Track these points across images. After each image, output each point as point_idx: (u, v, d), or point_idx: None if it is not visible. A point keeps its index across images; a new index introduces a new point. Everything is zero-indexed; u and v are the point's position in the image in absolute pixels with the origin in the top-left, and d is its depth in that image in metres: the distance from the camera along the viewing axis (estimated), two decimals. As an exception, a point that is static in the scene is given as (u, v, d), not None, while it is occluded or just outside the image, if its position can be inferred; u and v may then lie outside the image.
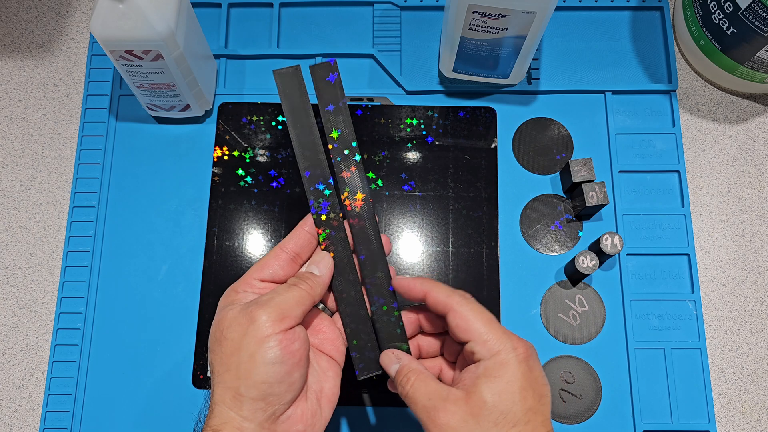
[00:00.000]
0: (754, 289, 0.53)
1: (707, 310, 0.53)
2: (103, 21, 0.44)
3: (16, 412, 0.51)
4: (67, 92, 0.58)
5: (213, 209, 0.54)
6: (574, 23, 0.59)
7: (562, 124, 0.56)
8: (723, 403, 0.51)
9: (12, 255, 0.54)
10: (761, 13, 0.48)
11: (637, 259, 0.53)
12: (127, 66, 0.48)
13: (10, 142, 0.57)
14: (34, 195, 0.56)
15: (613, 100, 0.57)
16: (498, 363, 0.35)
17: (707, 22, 0.54)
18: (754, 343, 0.52)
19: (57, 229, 0.55)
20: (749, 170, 0.56)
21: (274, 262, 0.39)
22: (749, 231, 0.55)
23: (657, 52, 0.58)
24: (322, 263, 0.40)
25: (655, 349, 0.51)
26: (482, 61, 0.52)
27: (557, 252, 0.53)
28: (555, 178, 0.55)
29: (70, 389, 0.50)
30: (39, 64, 0.59)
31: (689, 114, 0.57)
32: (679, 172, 0.55)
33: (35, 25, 0.60)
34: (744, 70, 0.54)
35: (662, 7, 0.59)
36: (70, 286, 0.52)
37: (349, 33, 0.58)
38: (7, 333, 0.53)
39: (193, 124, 0.56)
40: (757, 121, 0.57)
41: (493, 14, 0.46)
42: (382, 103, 0.56)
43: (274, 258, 0.39)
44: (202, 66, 0.53)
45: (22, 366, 0.52)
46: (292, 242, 0.40)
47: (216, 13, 0.59)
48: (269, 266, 0.39)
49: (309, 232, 0.40)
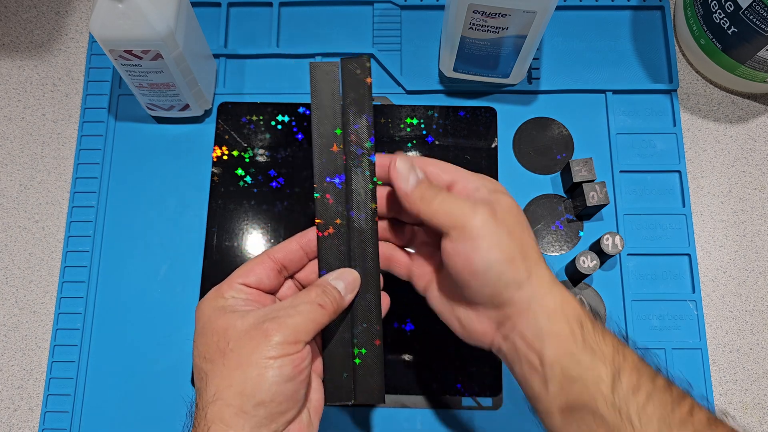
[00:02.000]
0: (755, 289, 0.53)
1: (708, 310, 0.53)
2: (102, 20, 0.44)
3: (15, 412, 0.51)
4: (67, 92, 0.58)
5: (212, 209, 0.54)
6: (574, 23, 0.59)
7: (562, 124, 0.56)
8: (724, 404, 0.51)
9: (11, 255, 0.54)
10: (762, 12, 0.48)
11: (637, 260, 0.53)
12: (126, 66, 0.48)
13: (9, 141, 0.57)
14: (34, 195, 0.56)
15: (614, 100, 0.56)
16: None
17: (708, 22, 0.54)
18: (755, 344, 0.52)
19: (56, 229, 0.55)
20: (750, 170, 0.56)
21: (261, 270, 0.37)
22: (750, 231, 0.54)
23: (658, 52, 0.58)
24: (350, 282, 0.38)
25: (656, 349, 0.51)
26: (482, 60, 0.52)
27: (558, 252, 0.53)
28: (555, 178, 0.55)
29: (69, 389, 0.50)
30: (38, 63, 0.59)
31: (690, 114, 0.57)
32: (680, 172, 0.55)
33: (34, 25, 0.60)
34: (745, 69, 0.54)
35: (663, 7, 0.59)
36: (69, 287, 0.52)
37: (349, 32, 0.58)
38: (6, 333, 0.52)
39: (193, 124, 0.56)
40: (758, 121, 0.57)
41: (493, 14, 0.45)
42: (382, 102, 0.56)
43: (260, 264, 0.38)
44: (202, 65, 0.53)
45: (22, 366, 0.52)
46: (281, 253, 0.38)
47: (215, 13, 0.59)
48: (255, 272, 0.37)
49: (301, 247, 0.39)
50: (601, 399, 0.32)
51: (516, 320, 0.35)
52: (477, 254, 0.34)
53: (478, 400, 0.49)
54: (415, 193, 0.36)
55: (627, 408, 0.32)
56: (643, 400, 0.32)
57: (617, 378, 0.32)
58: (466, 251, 0.34)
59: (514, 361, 0.35)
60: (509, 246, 0.34)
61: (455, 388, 0.49)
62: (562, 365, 0.33)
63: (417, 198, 0.36)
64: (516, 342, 0.35)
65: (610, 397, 0.32)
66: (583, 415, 0.32)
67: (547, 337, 0.34)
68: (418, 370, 0.50)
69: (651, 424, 0.31)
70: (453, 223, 0.35)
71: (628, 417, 0.31)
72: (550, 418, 0.34)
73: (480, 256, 0.34)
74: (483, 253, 0.34)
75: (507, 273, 0.34)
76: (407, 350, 0.50)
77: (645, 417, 0.31)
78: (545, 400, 0.34)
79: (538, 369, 0.34)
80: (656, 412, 0.31)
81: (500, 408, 0.49)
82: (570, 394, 0.33)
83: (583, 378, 0.33)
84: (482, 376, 0.50)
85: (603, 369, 0.33)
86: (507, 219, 0.35)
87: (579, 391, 0.33)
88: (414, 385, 0.49)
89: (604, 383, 0.32)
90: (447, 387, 0.49)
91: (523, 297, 0.34)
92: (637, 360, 0.34)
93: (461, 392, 0.49)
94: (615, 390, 0.32)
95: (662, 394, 0.32)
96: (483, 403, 0.49)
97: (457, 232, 0.34)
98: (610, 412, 0.32)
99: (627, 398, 0.32)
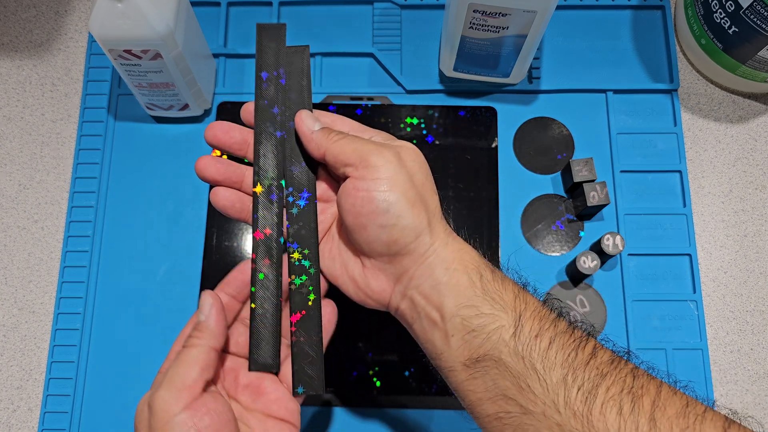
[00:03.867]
0: (755, 289, 0.53)
1: (709, 310, 0.53)
2: (101, 20, 0.44)
3: (15, 413, 0.51)
4: (66, 92, 0.58)
5: (212, 209, 0.53)
6: (575, 22, 0.59)
7: (563, 124, 0.56)
8: (724, 404, 0.51)
9: (10, 255, 0.54)
10: (763, 12, 0.48)
11: (638, 260, 0.53)
12: (125, 65, 0.47)
13: (8, 141, 0.57)
14: (33, 195, 0.55)
15: (615, 100, 0.56)
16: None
17: (708, 21, 0.54)
18: (756, 344, 0.52)
19: (55, 229, 0.54)
20: (751, 170, 0.56)
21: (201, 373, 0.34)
22: (751, 231, 0.54)
23: (658, 52, 0.58)
24: (204, 305, 0.35)
25: (657, 349, 0.50)
26: (483, 60, 0.52)
27: (558, 252, 0.53)
28: (556, 178, 0.55)
29: (68, 390, 0.50)
30: (37, 63, 0.59)
31: (691, 113, 0.57)
32: (681, 172, 0.54)
33: (34, 24, 0.60)
34: (745, 69, 0.54)
35: (663, 6, 0.59)
36: (68, 287, 0.52)
37: (349, 32, 0.58)
38: (5, 333, 0.52)
39: (192, 124, 0.56)
40: (758, 121, 0.57)
41: (493, 13, 0.45)
42: (382, 102, 0.56)
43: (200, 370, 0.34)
44: (201, 65, 0.53)
45: (21, 367, 0.52)
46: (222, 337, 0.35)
47: (215, 12, 0.59)
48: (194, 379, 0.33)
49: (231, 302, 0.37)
50: (504, 347, 0.31)
51: (413, 273, 0.34)
52: (378, 192, 0.33)
53: (479, 401, 0.49)
54: (321, 134, 0.36)
55: (530, 354, 0.31)
56: (546, 345, 0.31)
57: (519, 325, 0.32)
58: (367, 188, 0.33)
59: (413, 320, 0.34)
60: (411, 190, 0.34)
61: (455, 388, 0.49)
62: (462, 316, 0.32)
63: (323, 137, 0.36)
64: (414, 297, 0.34)
65: (513, 344, 0.31)
66: (487, 367, 0.32)
67: (446, 289, 0.33)
68: (418, 370, 0.50)
69: (554, 368, 0.30)
70: (357, 158, 0.34)
71: (531, 363, 0.31)
72: (454, 374, 0.33)
73: (381, 194, 0.33)
74: (384, 193, 0.33)
75: (406, 216, 0.33)
76: (407, 350, 0.50)
77: (548, 362, 0.30)
78: (447, 355, 0.33)
79: (438, 323, 0.33)
80: (559, 357, 0.31)
81: (500, 408, 0.49)
82: (472, 345, 0.32)
83: (485, 328, 0.32)
84: (482, 376, 0.49)
85: (504, 317, 0.32)
86: (410, 164, 0.34)
87: (481, 341, 0.32)
88: (414, 385, 0.49)
89: (506, 331, 0.31)
90: (447, 387, 0.49)
91: (421, 247, 0.33)
92: (538, 305, 0.33)
93: (461, 393, 0.49)
94: (517, 337, 0.31)
95: (564, 338, 0.31)
96: (483, 403, 0.49)
97: (360, 169, 0.34)
98: (513, 360, 0.31)
99: (530, 344, 0.31)
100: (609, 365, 0.31)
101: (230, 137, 0.38)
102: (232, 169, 0.38)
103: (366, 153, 0.34)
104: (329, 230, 0.39)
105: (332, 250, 0.38)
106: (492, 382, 0.32)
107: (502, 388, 0.31)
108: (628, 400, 0.29)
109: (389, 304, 0.36)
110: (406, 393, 0.49)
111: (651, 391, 0.30)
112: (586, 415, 0.29)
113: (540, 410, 0.30)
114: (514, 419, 0.31)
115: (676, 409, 0.29)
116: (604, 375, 0.30)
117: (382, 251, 0.34)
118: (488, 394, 0.32)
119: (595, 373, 0.30)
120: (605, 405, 0.29)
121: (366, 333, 0.50)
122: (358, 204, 0.33)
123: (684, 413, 0.29)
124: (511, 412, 0.31)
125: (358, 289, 0.36)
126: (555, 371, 0.30)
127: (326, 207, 0.39)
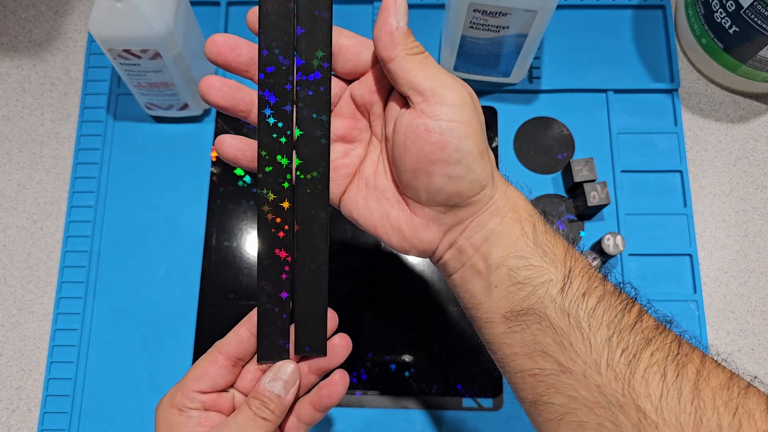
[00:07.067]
0: (756, 289, 0.53)
1: (709, 311, 0.52)
2: (101, 20, 0.44)
3: (14, 413, 0.51)
4: (65, 91, 0.58)
5: (211, 209, 0.53)
6: (575, 22, 0.59)
7: (563, 124, 0.56)
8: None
9: (10, 255, 0.54)
10: (764, 11, 0.48)
11: (638, 260, 0.52)
12: (125, 65, 0.47)
13: (7, 141, 0.57)
14: (32, 195, 0.55)
15: (615, 99, 0.56)
16: None
17: (709, 21, 0.54)
18: (757, 344, 0.52)
19: (55, 229, 0.54)
20: (752, 170, 0.56)
21: (214, 371, 0.34)
22: (752, 231, 0.54)
23: (659, 51, 0.58)
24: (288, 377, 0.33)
25: (657, 350, 0.50)
26: (483, 59, 0.52)
27: (558, 252, 0.53)
28: (556, 178, 0.54)
29: (68, 390, 0.50)
30: (37, 63, 0.59)
31: (691, 113, 0.57)
32: (681, 172, 0.54)
33: (33, 24, 0.60)
34: (746, 69, 0.54)
35: (664, 6, 0.58)
36: (68, 287, 0.52)
37: (349, 32, 0.58)
38: (4, 334, 0.52)
39: (192, 123, 0.56)
40: (759, 121, 0.57)
41: (494, 12, 0.45)
42: (382, 102, 0.56)
43: (212, 364, 0.34)
44: (201, 65, 0.52)
45: (20, 367, 0.52)
46: (232, 346, 0.35)
47: (215, 12, 0.59)
48: (208, 375, 0.34)
49: (252, 334, 0.35)
50: (550, 303, 0.30)
51: (468, 224, 0.31)
52: (453, 139, 0.29)
53: (479, 401, 0.49)
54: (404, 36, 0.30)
55: (576, 312, 0.29)
56: (593, 304, 0.29)
57: (568, 281, 0.30)
58: (441, 131, 0.29)
59: (455, 269, 0.32)
60: (482, 139, 0.30)
61: (455, 388, 0.49)
62: (509, 267, 0.30)
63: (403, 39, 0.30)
64: (463, 246, 0.31)
65: (560, 300, 0.29)
66: (529, 321, 0.30)
67: (497, 238, 0.31)
68: (418, 370, 0.49)
69: (600, 329, 0.29)
70: (429, 87, 0.29)
71: (577, 321, 0.29)
72: (491, 326, 0.31)
73: (456, 142, 0.29)
74: (460, 141, 0.29)
75: (476, 169, 0.30)
76: (407, 351, 0.50)
77: (594, 322, 0.29)
78: (487, 306, 0.31)
79: (482, 273, 0.31)
80: (606, 317, 0.29)
81: (501, 409, 0.49)
82: (516, 298, 0.30)
83: (532, 280, 0.30)
84: (483, 376, 0.49)
85: (553, 271, 0.30)
86: (479, 106, 0.31)
87: (526, 294, 0.30)
88: (414, 385, 0.49)
89: (554, 286, 0.30)
90: (447, 388, 0.49)
91: (483, 199, 0.31)
92: (586, 263, 0.31)
93: (462, 393, 0.49)
94: (564, 293, 0.30)
95: (612, 299, 0.30)
96: (483, 404, 0.49)
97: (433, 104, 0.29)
98: (558, 316, 0.29)
99: (576, 302, 0.29)
100: (654, 330, 0.30)
101: (237, 55, 0.31)
102: (240, 95, 0.32)
103: (441, 85, 0.29)
104: (356, 175, 0.34)
105: (367, 199, 0.33)
106: (531, 337, 0.30)
107: (542, 345, 0.30)
108: (673, 367, 0.28)
109: (433, 254, 0.33)
110: (407, 393, 0.49)
111: (695, 361, 0.29)
112: (627, 378, 0.28)
113: (580, 369, 0.29)
114: (549, 377, 0.30)
115: (719, 381, 0.29)
116: (648, 340, 0.29)
117: (441, 201, 0.31)
118: (525, 349, 0.30)
119: (640, 337, 0.29)
120: (649, 370, 0.28)
121: (366, 333, 0.50)
122: (427, 148, 0.29)
123: (728, 385, 0.28)
124: (547, 369, 0.30)
125: (403, 239, 0.32)
126: (601, 331, 0.29)
127: (349, 149, 0.34)
